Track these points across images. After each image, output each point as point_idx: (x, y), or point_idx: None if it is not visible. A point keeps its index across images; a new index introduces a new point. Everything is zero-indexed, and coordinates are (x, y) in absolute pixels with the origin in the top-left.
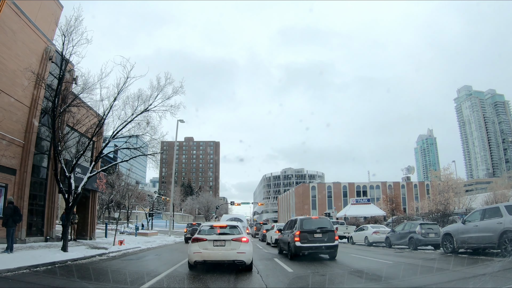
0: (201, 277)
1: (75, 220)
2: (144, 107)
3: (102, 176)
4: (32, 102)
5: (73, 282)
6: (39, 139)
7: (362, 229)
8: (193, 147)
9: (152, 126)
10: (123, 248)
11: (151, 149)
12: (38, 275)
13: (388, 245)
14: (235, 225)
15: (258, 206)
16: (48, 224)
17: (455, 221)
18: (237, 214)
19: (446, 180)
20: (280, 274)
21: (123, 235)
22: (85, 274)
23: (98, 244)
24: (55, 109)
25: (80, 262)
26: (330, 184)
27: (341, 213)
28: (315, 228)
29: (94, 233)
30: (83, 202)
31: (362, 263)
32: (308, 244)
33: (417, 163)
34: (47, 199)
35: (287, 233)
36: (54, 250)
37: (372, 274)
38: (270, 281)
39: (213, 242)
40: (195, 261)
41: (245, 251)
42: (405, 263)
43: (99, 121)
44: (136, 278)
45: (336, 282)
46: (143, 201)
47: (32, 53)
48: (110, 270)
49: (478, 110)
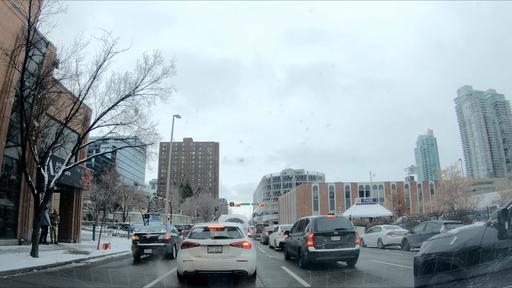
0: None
1: (56, 221)
2: (130, 90)
3: (88, 173)
4: (4, 86)
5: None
6: (14, 128)
7: (373, 230)
8: (192, 148)
9: (140, 114)
10: (108, 253)
11: (140, 141)
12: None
13: (406, 248)
14: (235, 226)
15: (258, 208)
16: (22, 226)
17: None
18: (237, 215)
19: (454, 178)
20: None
21: (114, 238)
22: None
23: (81, 248)
24: (23, 88)
25: (48, 270)
26: (332, 184)
27: (346, 214)
28: (332, 230)
29: (79, 235)
30: (66, 201)
31: (396, 273)
32: (324, 249)
33: (417, 164)
34: (21, 197)
35: (296, 235)
36: (22, 255)
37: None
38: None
39: (207, 248)
40: (185, 271)
41: (248, 259)
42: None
43: (74, 102)
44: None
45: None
46: (140, 202)
47: (5, 31)
48: (77, 281)
49: (478, 110)
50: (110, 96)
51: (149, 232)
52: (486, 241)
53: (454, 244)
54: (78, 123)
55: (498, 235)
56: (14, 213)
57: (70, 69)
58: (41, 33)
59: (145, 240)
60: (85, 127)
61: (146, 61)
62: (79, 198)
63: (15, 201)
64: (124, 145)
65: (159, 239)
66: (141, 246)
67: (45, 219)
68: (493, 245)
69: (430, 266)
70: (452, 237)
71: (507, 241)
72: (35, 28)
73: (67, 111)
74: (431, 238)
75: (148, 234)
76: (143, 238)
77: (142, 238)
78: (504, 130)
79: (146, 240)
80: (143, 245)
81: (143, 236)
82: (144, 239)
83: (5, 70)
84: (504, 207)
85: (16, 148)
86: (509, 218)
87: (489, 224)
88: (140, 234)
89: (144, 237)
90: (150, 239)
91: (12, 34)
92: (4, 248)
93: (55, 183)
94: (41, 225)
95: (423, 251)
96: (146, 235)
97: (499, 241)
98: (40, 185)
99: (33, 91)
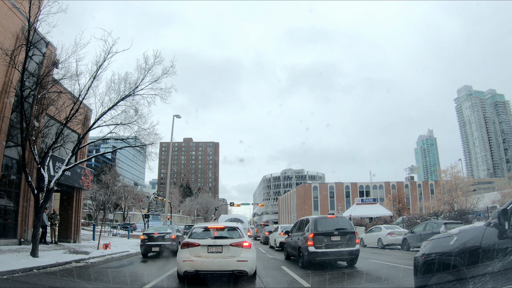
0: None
1: (56, 221)
2: (130, 90)
3: (88, 173)
4: (4, 86)
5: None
6: (14, 128)
7: (373, 230)
8: (192, 148)
9: (140, 114)
10: (108, 253)
11: (140, 141)
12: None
13: (406, 248)
14: (235, 226)
15: (258, 208)
16: (22, 226)
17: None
18: (237, 215)
19: (454, 178)
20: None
21: (114, 238)
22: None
23: (81, 248)
24: (23, 88)
25: (48, 270)
26: (332, 184)
27: (346, 214)
28: (332, 230)
29: (79, 235)
30: (66, 201)
31: (396, 273)
32: (324, 249)
33: (417, 164)
34: (21, 197)
35: (296, 235)
36: (22, 255)
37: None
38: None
39: (207, 248)
40: (185, 271)
41: (248, 259)
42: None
43: (74, 102)
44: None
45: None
46: (140, 202)
47: (5, 31)
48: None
49: (478, 110)
50: (110, 96)
51: (157, 232)
52: (486, 241)
53: (454, 244)
54: (78, 123)
55: (498, 235)
56: (14, 213)
57: (70, 69)
58: (41, 33)
59: (153, 239)
60: (85, 127)
61: (146, 61)
62: (79, 198)
63: (15, 201)
64: (124, 145)
65: (165, 238)
66: (149, 245)
67: (43, 219)
68: (493, 245)
69: (430, 266)
70: (452, 237)
71: (507, 241)
72: (35, 28)
73: (67, 111)
74: (431, 238)
75: (155, 233)
76: (151, 237)
77: (150, 237)
78: (504, 130)
79: (153, 239)
80: (151, 244)
81: (151, 236)
82: (152, 238)
83: (5, 70)
84: (504, 207)
85: (16, 148)
86: (509, 218)
87: (489, 224)
88: (148, 233)
89: (152, 236)
90: (158, 238)
91: (12, 34)
92: (4, 248)
93: (55, 183)
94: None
95: (423, 251)
96: (154, 234)
97: (499, 241)
98: (40, 185)
99: (33, 91)
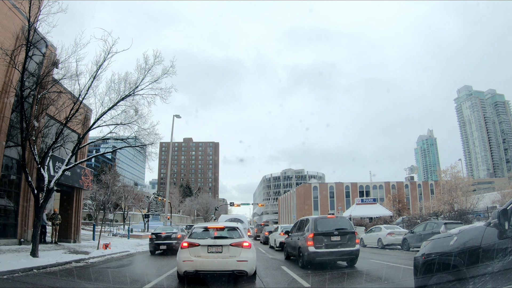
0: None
1: (56, 221)
2: (130, 90)
3: (88, 173)
4: (4, 86)
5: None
6: (14, 128)
7: (373, 230)
8: (192, 148)
9: (140, 114)
10: (108, 253)
11: (140, 141)
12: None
13: (406, 248)
14: (235, 226)
15: (258, 208)
16: (22, 226)
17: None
18: (237, 215)
19: (454, 178)
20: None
21: (114, 238)
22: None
23: (81, 248)
24: (23, 88)
25: (48, 270)
26: (332, 184)
27: (346, 214)
28: (332, 230)
29: (79, 235)
30: (66, 201)
31: (396, 273)
32: (324, 249)
33: (417, 164)
34: (21, 197)
35: (296, 235)
36: (22, 255)
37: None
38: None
39: (207, 248)
40: (185, 271)
41: (248, 259)
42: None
43: (74, 102)
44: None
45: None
46: (140, 202)
47: (5, 31)
48: (77, 281)
49: (478, 110)
50: (110, 96)
51: (164, 232)
52: (486, 241)
53: (454, 244)
54: (78, 123)
55: (498, 235)
56: (14, 213)
57: (70, 69)
58: (41, 33)
59: (160, 238)
60: (85, 127)
61: (146, 61)
62: (79, 198)
63: (15, 201)
64: (124, 145)
65: (172, 237)
66: (157, 243)
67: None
68: (493, 245)
69: (430, 266)
70: (452, 237)
71: (507, 241)
72: (35, 28)
73: (67, 111)
74: (431, 238)
75: (163, 233)
76: (159, 237)
77: (158, 237)
78: (504, 130)
79: (161, 238)
80: (159, 242)
81: (159, 235)
82: (160, 237)
83: (5, 70)
84: (504, 207)
85: (16, 148)
86: (509, 218)
87: (489, 224)
88: (156, 233)
89: (159, 235)
90: (165, 237)
91: (12, 34)
92: (4, 248)
93: (55, 183)
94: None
95: (423, 251)
96: (161, 234)
97: (499, 241)
98: (40, 185)
99: (33, 91)
